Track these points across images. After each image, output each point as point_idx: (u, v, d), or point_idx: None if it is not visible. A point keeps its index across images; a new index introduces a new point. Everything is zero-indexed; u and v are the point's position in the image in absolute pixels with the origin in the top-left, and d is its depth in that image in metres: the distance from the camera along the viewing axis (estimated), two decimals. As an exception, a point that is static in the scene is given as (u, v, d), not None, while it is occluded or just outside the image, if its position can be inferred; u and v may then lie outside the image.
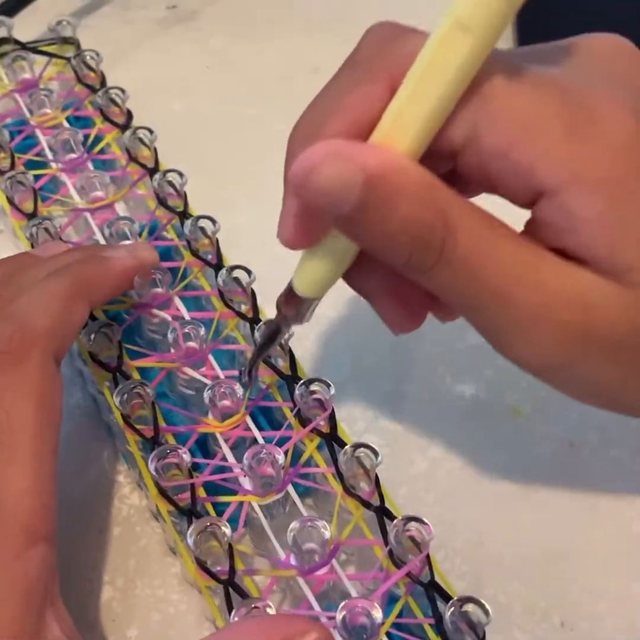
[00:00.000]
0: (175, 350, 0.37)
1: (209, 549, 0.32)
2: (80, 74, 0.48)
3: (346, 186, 0.24)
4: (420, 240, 0.25)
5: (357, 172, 0.24)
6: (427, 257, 0.25)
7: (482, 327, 0.28)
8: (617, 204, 0.25)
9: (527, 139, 0.25)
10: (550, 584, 0.36)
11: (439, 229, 0.25)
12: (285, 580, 0.33)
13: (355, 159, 0.24)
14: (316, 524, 0.31)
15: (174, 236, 0.42)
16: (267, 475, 0.33)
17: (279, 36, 0.28)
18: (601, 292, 0.26)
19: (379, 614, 0.29)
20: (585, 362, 0.27)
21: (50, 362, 0.31)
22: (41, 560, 0.28)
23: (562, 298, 0.26)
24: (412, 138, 0.25)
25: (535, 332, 0.26)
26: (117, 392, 0.35)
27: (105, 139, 0.45)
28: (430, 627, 0.31)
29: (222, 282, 0.38)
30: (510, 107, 0.25)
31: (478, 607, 0.30)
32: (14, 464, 0.28)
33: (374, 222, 0.25)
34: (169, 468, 0.33)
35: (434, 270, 0.26)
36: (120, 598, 0.35)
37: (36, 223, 0.41)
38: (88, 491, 0.38)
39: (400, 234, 0.25)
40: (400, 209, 0.24)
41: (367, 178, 0.24)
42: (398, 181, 0.24)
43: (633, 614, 0.35)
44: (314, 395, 0.35)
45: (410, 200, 0.25)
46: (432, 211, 0.25)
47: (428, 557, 0.31)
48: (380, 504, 0.33)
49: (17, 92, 0.48)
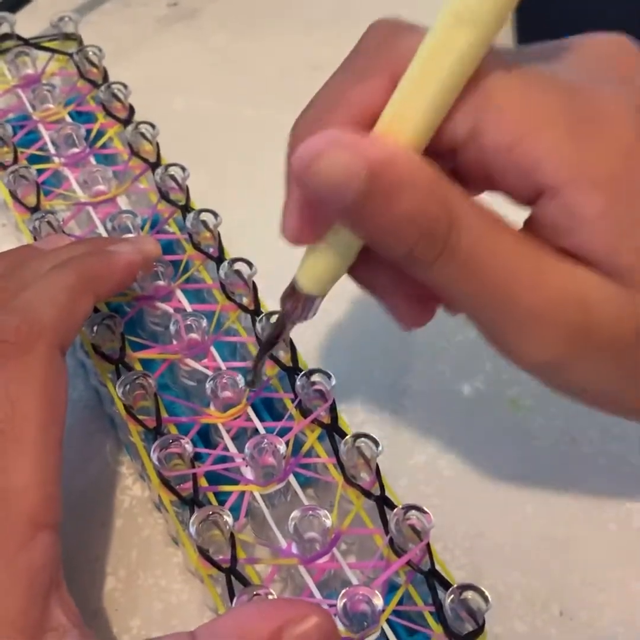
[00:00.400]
0: (177, 342, 0.37)
1: (210, 537, 0.32)
2: (82, 70, 0.48)
3: (350, 174, 0.24)
4: (424, 232, 0.25)
5: (361, 160, 0.24)
6: (431, 250, 0.25)
7: (482, 324, 0.27)
8: (619, 203, 0.25)
9: (531, 135, 0.25)
10: (550, 574, 0.36)
11: (443, 221, 0.25)
12: (286, 569, 0.33)
13: (359, 148, 0.24)
14: (317, 513, 0.31)
15: (175, 230, 0.42)
16: (269, 465, 0.33)
17: (279, 34, 0.28)
18: (602, 293, 0.26)
19: (379, 602, 0.30)
20: (585, 361, 0.27)
21: (56, 354, 0.31)
22: (46, 549, 0.28)
23: (562, 298, 0.26)
24: (414, 130, 0.25)
25: (535, 331, 0.26)
26: (119, 383, 0.35)
27: (108, 134, 0.46)
28: (430, 615, 0.31)
29: (223, 275, 0.39)
30: (514, 103, 0.25)
31: (477, 594, 0.30)
32: (20, 455, 0.29)
33: (378, 212, 0.25)
34: (171, 458, 0.33)
35: (436, 264, 0.25)
36: (123, 588, 0.35)
37: (39, 217, 0.41)
38: (90, 483, 0.38)
39: (404, 225, 0.25)
40: (404, 198, 0.24)
41: (371, 167, 0.24)
42: (403, 170, 0.24)
43: (632, 605, 0.36)
44: (315, 386, 0.35)
45: (415, 190, 0.24)
46: (437, 203, 0.25)
47: (428, 546, 0.32)
48: (381, 493, 0.33)
49: (19, 87, 0.48)
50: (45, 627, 0.27)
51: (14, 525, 0.28)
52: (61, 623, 0.27)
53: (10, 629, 0.26)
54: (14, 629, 0.26)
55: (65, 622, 0.27)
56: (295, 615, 0.25)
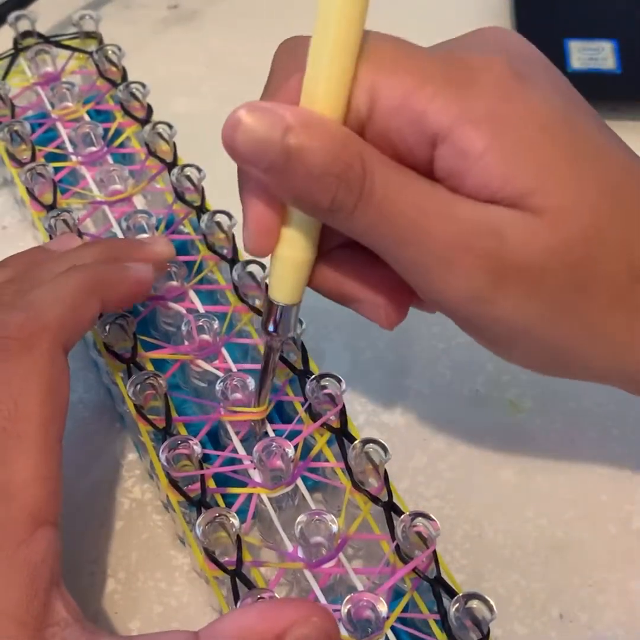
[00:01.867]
0: (189, 342, 0.37)
1: (217, 539, 0.32)
2: (101, 68, 0.48)
3: (269, 135, 0.27)
4: (341, 178, 0.27)
5: (277, 122, 0.27)
6: (349, 196, 0.28)
7: (408, 270, 0.29)
8: (500, 135, 0.27)
9: (415, 92, 0.27)
10: (550, 576, 0.36)
11: (357, 167, 0.27)
12: (292, 573, 0.33)
13: (275, 112, 0.27)
14: (324, 518, 0.31)
15: (190, 230, 0.42)
16: (277, 468, 0.33)
17: (280, 36, 0.28)
18: (510, 220, 0.27)
19: (384, 608, 0.29)
20: (506, 294, 0.28)
21: (59, 352, 0.31)
22: (46, 545, 0.28)
23: (475, 228, 0.28)
24: (325, 99, 0.28)
25: (454, 262, 0.28)
26: (130, 382, 0.35)
27: (125, 133, 0.46)
28: (435, 623, 0.31)
29: (236, 277, 0.39)
30: (400, 68, 0.28)
31: (483, 604, 0.30)
32: (22, 451, 0.29)
33: (298, 167, 0.27)
34: (179, 459, 0.33)
35: (356, 212, 0.28)
36: (123, 591, 0.36)
37: (55, 215, 0.41)
38: (90, 485, 0.38)
39: (323, 176, 0.27)
40: (320, 152, 0.27)
41: (287, 127, 0.27)
42: (316, 128, 0.27)
43: (632, 607, 0.35)
44: (325, 390, 0.35)
45: (329, 144, 0.27)
46: (349, 153, 0.27)
47: (434, 553, 0.32)
48: (389, 499, 0.33)
49: (39, 85, 0.48)
50: (47, 621, 0.27)
51: (15, 520, 0.28)
52: (62, 617, 0.27)
53: (11, 622, 0.26)
54: (15, 623, 0.26)
55: (67, 616, 0.27)
56: (297, 617, 0.26)
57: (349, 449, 0.34)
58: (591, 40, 0.53)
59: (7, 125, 0.45)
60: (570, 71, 0.52)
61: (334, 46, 0.27)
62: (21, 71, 0.49)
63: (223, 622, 0.27)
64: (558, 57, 0.53)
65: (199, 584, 0.35)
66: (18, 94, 0.48)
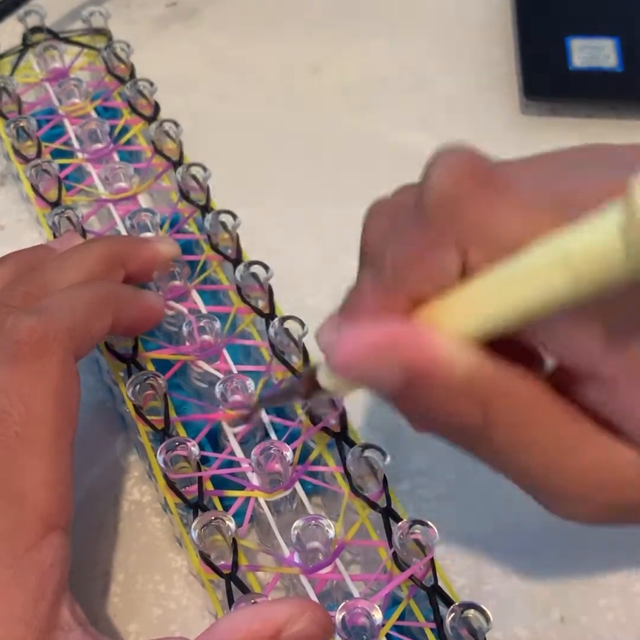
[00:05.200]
0: (190, 343, 0.37)
1: (213, 542, 0.32)
2: (110, 65, 0.48)
3: (386, 378, 0.24)
4: (458, 428, 0.25)
5: (396, 367, 0.23)
6: (466, 441, 0.25)
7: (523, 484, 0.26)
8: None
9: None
10: (550, 579, 0.36)
11: (477, 418, 0.24)
12: (288, 578, 0.33)
13: (396, 353, 0.23)
14: (320, 523, 0.31)
15: (195, 229, 0.42)
16: (275, 471, 0.33)
17: (279, 35, 0.28)
18: (637, 470, 0.24)
19: (378, 615, 0.29)
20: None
21: (70, 358, 0.31)
22: (56, 549, 0.28)
23: (596, 478, 0.24)
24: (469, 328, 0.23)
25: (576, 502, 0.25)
26: (129, 382, 0.35)
27: (132, 131, 0.46)
28: (431, 631, 0.31)
29: (239, 277, 0.38)
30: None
31: (479, 613, 0.29)
32: (33, 456, 0.29)
33: (412, 407, 0.25)
34: (177, 460, 0.33)
35: (474, 449, 0.26)
36: (121, 593, 0.35)
37: (59, 212, 0.41)
38: (89, 487, 0.38)
39: (437, 419, 0.25)
40: (437, 401, 0.24)
41: (406, 375, 0.23)
42: (438, 376, 0.23)
43: (634, 609, 0.35)
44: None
45: (449, 394, 0.24)
46: (471, 403, 0.24)
47: (432, 561, 0.31)
48: (387, 505, 0.33)
49: (47, 81, 0.48)
50: (53, 625, 0.27)
51: (26, 524, 0.28)
52: (67, 621, 0.28)
53: (18, 624, 0.27)
54: (22, 625, 0.27)
55: (71, 620, 0.28)
56: (291, 613, 0.26)
57: (347, 454, 0.33)
58: (593, 38, 0.53)
59: (14, 121, 0.45)
60: (572, 69, 0.51)
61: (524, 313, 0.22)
62: (29, 67, 0.49)
63: (218, 625, 0.27)
64: (559, 55, 0.52)
65: (198, 587, 0.35)
66: (26, 89, 0.48)
